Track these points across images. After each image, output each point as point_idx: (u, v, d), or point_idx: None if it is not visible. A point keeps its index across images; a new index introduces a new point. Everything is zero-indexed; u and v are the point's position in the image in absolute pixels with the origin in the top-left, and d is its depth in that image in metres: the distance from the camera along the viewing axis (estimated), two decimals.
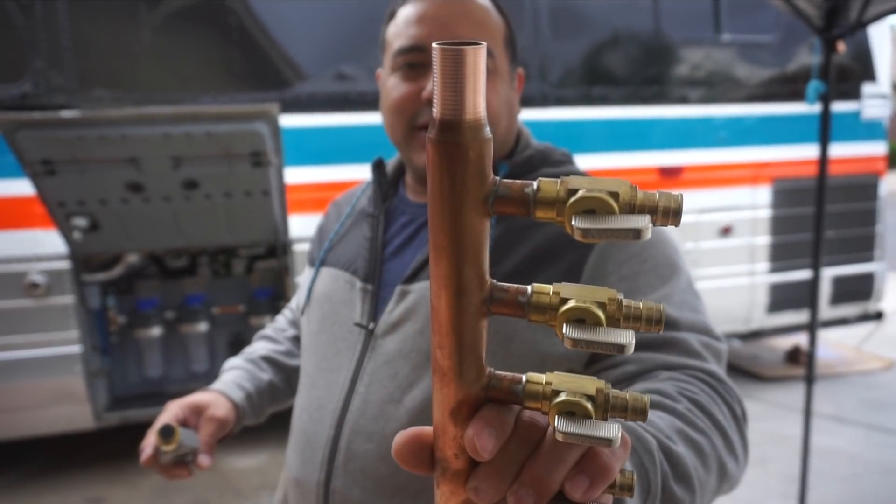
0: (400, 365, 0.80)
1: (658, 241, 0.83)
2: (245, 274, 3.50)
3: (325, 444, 0.82)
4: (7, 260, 2.88)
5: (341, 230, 0.97)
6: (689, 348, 0.75)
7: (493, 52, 0.83)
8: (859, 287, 4.19)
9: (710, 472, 0.66)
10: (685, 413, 0.66)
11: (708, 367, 0.75)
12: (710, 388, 0.73)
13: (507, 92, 0.87)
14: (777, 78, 3.90)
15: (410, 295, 0.82)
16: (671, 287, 0.80)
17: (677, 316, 0.77)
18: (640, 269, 0.79)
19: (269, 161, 2.68)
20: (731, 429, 0.71)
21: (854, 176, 4.03)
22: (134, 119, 2.44)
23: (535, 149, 0.91)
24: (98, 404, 3.11)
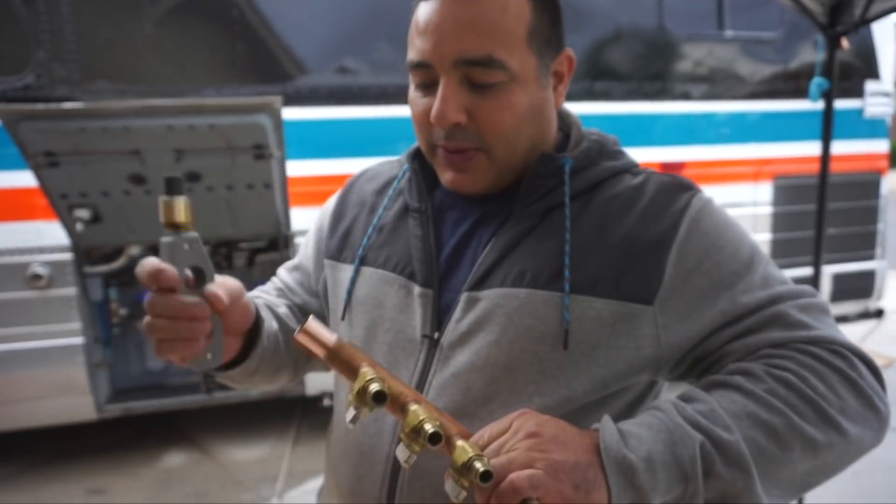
0: (473, 378, 0.75)
1: (727, 226, 0.78)
2: (247, 267, 3.51)
3: (385, 460, 0.78)
4: (10, 252, 2.89)
5: (379, 225, 0.88)
6: (789, 321, 0.73)
7: (506, 58, 0.73)
8: (860, 285, 4.19)
9: (790, 449, 0.67)
10: (762, 395, 0.68)
11: (813, 335, 0.73)
12: (812, 358, 0.71)
13: (531, 95, 0.76)
14: (780, 75, 3.89)
15: (481, 302, 0.76)
16: (754, 268, 0.77)
17: (767, 294, 0.75)
18: (720, 258, 0.75)
19: (271, 154, 2.68)
20: (834, 396, 0.69)
21: (856, 174, 4.03)
22: (136, 111, 2.44)
23: (590, 139, 0.84)
24: (100, 396, 3.13)
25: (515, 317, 0.74)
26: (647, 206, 0.77)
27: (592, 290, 0.73)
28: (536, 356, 0.73)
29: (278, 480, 3.10)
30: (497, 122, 0.74)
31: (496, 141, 0.75)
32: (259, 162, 2.72)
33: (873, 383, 0.72)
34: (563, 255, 0.74)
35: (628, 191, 0.79)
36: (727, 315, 0.74)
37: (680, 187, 0.80)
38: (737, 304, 0.74)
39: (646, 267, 0.74)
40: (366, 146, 3.10)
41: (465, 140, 0.75)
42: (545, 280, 0.74)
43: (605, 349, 0.73)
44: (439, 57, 0.72)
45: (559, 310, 0.72)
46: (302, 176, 3.11)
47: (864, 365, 0.73)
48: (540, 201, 0.78)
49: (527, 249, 0.76)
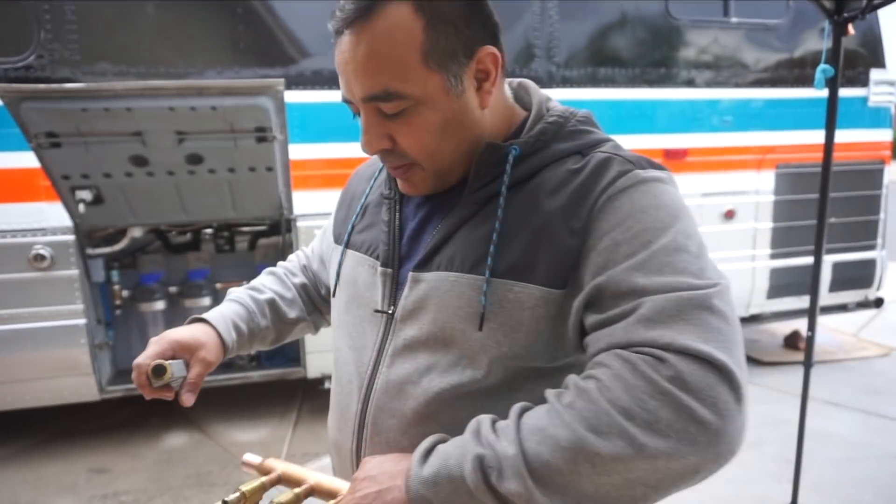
0: (418, 350, 0.83)
1: (650, 206, 0.76)
2: (249, 250, 3.52)
3: (355, 416, 0.89)
4: (13, 232, 2.89)
5: (362, 211, 0.99)
6: (642, 318, 0.69)
7: (402, 87, 0.76)
8: (860, 274, 4.19)
9: (575, 462, 0.66)
10: (558, 410, 0.69)
11: (640, 337, 0.69)
12: (629, 370, 0.67)
13: (443, 110, 0.78)
14: (784, 62, 3.87)
15: (422, 283, 0.83)
16: (651, 251, 0.72)
17: (646, 283, 0.71)
18: (623, 238, 0.74)
19: (273, 136, 2.68)
20: (640, 410, 0.65)
21: (859, 163, 4.02)
22: (139, 92, 2.43)
23: (547, 121, 0.84)
24: (102, 377, 3.15)
25: (447, 298, 0.81)
26: (576, 188, 0.78)
27: (512, 274, 0.77)
28: (464, 334, 0.80)
29: None
30: (415, 143, 0.80)
31: (420, 157, 0.82)
32: (261, 144, 2.71)
33: (705, 392, 0.65)
34: (490, 241, 0.78)
35: (564, 174, 0.80)
36: (598, 290, 0.73)
37: (615, 165, 0.79)
38: (611, 279, 0.72)
39: (562, 251, 0.76)
40: None
41: (397, 160, 0.83)
42: (471, 264, 0.80)
43: (525, 332, 0.78)
44: (351, 95, 0.80)
45: (480, 293, 0.78)
46: (305, 159, 3.10)
47: (707, 373, 0.66)
48: (483, 189, 0.82)
49: (464, 235, 0.82)
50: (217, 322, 1.01)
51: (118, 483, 2.98)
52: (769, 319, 4.21)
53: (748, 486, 2.81)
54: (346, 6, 0.76)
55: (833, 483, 2.84)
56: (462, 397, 0.81)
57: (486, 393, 0.80)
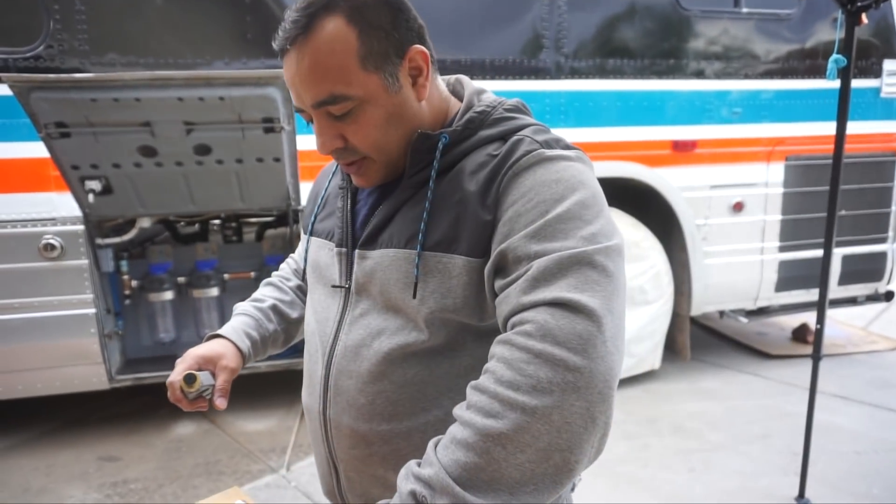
0: (370, 317, 0.94)
1: (550, 181, 0.81)
2: (256, 241, 3.53)
3: (321, 381, 0.99)
4: (23, 222, 2.91)
5: (322, 203, 1.11)
6: (522, 283, 0.75)
7: (345, 90, 0.84)
8: (870, 267, 4.16)
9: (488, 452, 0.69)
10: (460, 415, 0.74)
11: (522, 302, 0.74)
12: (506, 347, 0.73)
13: (384, 106, 0.87)
14: (795, 53, 3.83)
15: (368, 260, 0.94)
16: (546, 219, 0.78)
17: (536, 249, 0.77)
18: (523, 209, 0.81)
19: (281, 127, 2.68)
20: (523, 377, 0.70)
21: (870, 154, 3.98)
22: (147, 82, 2.43)
23: (476, 110, 0.92)
24: (112, 366, 3.17)
25: (388, 271, 0.90)
26: (491, 169, 0.86)
27: (440, 247, 0.86)
28: (403, 302, 0.89)
29: (287, 452, 3.15)
30: (363, 139, 0.89)
31: (370, 151, 0.90)
32: (269, 135, 2.71)
33: (576, 342, 0.70)
34: (421, 220, 0.88)
35: (483, 157, 0.88)
36: (501, 257, 0.80)
37: (524, 146, 0.86)
38: (509, 247, 0.79)
39: (480, 225, 0.84)
40: None
41: (350, 156, 0.92)
42: (406, 240, 0.89)
43: (453, 298, 0.86)
44: (303, 104, 0.88)
45: (413, 265, 0.87)
46: (313, 150, 3.10)
47: (573, 320, 0.71)
48: (417, 175, 0.91)
49: (401, 216, 0.92)
50: (230, 334, 1.12)
51: (128, 471, 3.02)
52: (777, 312, 4.18)
53: (755, 479, 2.81)
54: (286, 27, 0.85)
55: (841, 476, 2.83)
56: (409, 357, 0.90)
57: (430, 353, 0.89)
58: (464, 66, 3.20)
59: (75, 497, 2.82)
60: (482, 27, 3.30)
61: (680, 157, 3.70)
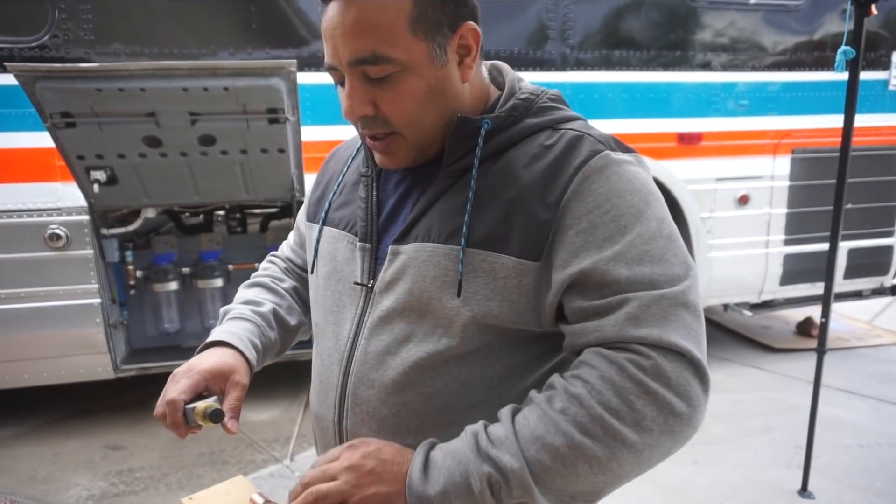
0: (395, 321, 0.86)
1: (625, 191, 0.79)
2: (260, 232, 3.54)
3: (336, 388, 0.92)
4: (29, 212, 2.92)
5: (339, 189, 1.01)
6: (628, 314, 0.75)
7: (390, 52, 0.77)
8: (876, 261, 4.14)
9: (574, 466, 0.73)
10: (553, 417, 0.74)
11: (631, 334, 0.74)
12: (615, 370, 0.73)
13: (427, 78, 0.80)
14: (803, 45, 3.80)
15: (401, 255, 0.86)
16: (629, 238, 0.77)
17: (629, 275, 0.76)
18: (601, 220, 0.77)
19: (286, 118, 2.68)
20: (628, 410, 0.72)
21: (877, 147, 3.96)
22: (152, 72, 2.43)
23: (519, 97, 0.87)
24: (117, 355, 3.19)
25: (424, 268, 0.83)
26: (550, 163, 0.81)
27: (486, 244, 0.80)
28: (440, 303, 0.82)
29: (290, 442, 3.16)
30: (398, 110, 0.81)
31: (403, 125, 0.82)
32: (273, 126, 2.71)
33: (681, 385, 0.73)
34: (465, 212, 0.81)
35: (536, 149, 0.83)
36: (585, 276, 0.76)
37: (587, 144, 0.81)
38: (597, 268, 0.76)
39: (535, 224, 0.78)
40: None
41: (378, 127, 0.83)
42: (447, 235, 0.82)
43: (499, 301, 0.80)
44: (338, 60, 0.80)
45: (457, 262, 0.81)
46: (317, 141, 3.10)
47: (680, 364, 0.74)
48: (458, 162, 0.85)
49: (441, 207, 0.84)
50: (237, 343, 0.99)
51: (133, 460, 3.04)
52: (782, 306, 4.17)
53: (758, 472, 2.82)
54: None
55: (844, 470, 2.83)
56: (439, 365, 0.84)
57: (462, 361, 0.84)
58: None
59: (81, 485, 2.84)
60: (487, 17, 3.28)
61: (685, 150, 3.69)
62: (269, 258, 1.24)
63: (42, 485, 2.85)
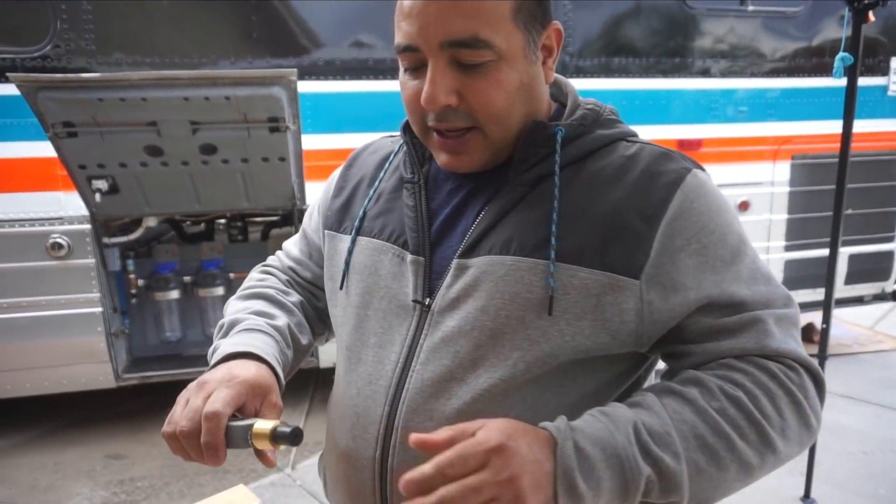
0: (461, 343, 0.77)
1: (721, 209, 0.79)
2: (262, 240, 3.54)
3: (379, 421, 0.81)
4: (31, 221, 2.93)
5: (375, 196, 0.91)
6: (763, 330, 0.75)
7: (492, 37, 0.72)
8: (877, 266, 4.14)
9: (727, 470, 0.72)
10: (712, 416, 0.71)
11: (779, 348, 0.75)
12: (768, 377, 0.74)
13: (520, 72, 0.76)
14: (802, 51, 3.82)
15: (470, 270, 0.78)
16: (742, 259, 0.78)
17: (751, 294, 0.77)
18: (709, 240, 0.76)
19: (286, 126, 2.69)
20: (779, 418, 0.73)
21: (877, 153, 3.96)
22: (153, 82, 2.44)
23: (586, 107, 0.84)
24: (118, 364, 3.19)
25: (502, 284, 0.76)
26: (638, 176, 0.77)
27: (578, 259, 0.74)
28: (522, 323, 0.75)
29: (292, 451, 3.16)
30: (488, 102, 0.75)
31: (488, 120, 0.76)
32: (274, 135, 2.72)
33: (816, 403, 0.77)
34: (551, 223, 0.75)
35: (620, 160, 0.79)
36: (712, 300, 0.75)
37: (674, 160, 0.80)
38: (724, 291, 0.75)
39: (633, 239, 0.74)
40: (381, 120, 3.09)
41: (458, 120, 0.76)
42: (531, 248, 0.75)
43: (591, 320, 0.75)
44: (425, 40, 0.73)
45: (544, 277, 0.74)
46: (318, 149, 3.11)
47: (813, 383, 0.77)
48: (531, 170, 0.79)
49: (516, 218, 0.78)
50: (269, 358, 0.86)
51: (134, 469, 3.03)
52: None
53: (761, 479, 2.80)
54: None
55: (847, 476, 2.82)
56: (511, 392, 0.76)
57: (537, 386, 0.76)
58: None
59: (82, 494, 2.84)
60: None
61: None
62: (263, 269, 1.10)
63: (43, 494, 2.84)
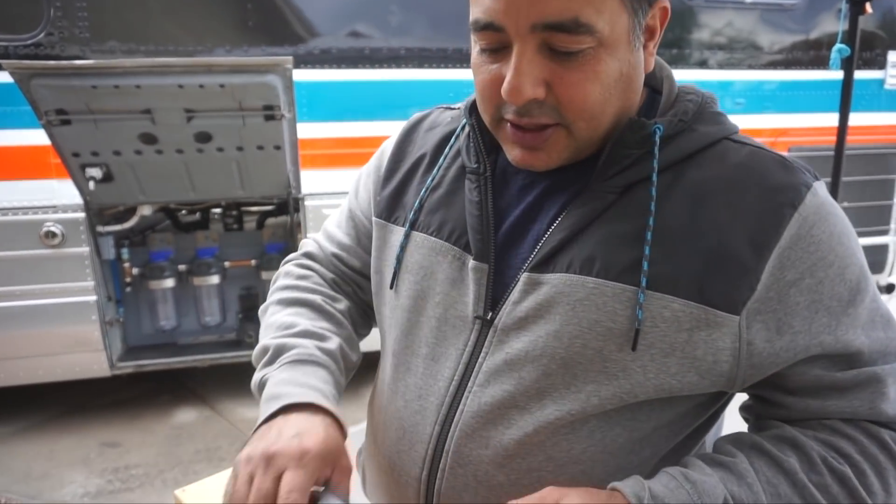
0: (527, 369, 0.68)
1: (843, 236, 0.66)
2: (257, 229, 3.53)
3: (428, 440, 0.74)
4: (24, 209, 2.92)
5: (433, 185, 0.79)
6: (880, 392, 0.67)
7: (595, 20, 0.60)
8: (871, 259, 4.13)
9: None
10: (812, 492, 0.64)
11: (891, 414, 0.67)
12: (879, 448, 0.67)
13: (621, 60, 0.64)
14: (799, 44, 3.81)
15: (543, 287, 0.68)
16: (862, 298, 0.67)
17: (869, 343, 0.67)
18: (826, 275, 0.64)
19: (282, 115, 2.68)
20: (884, 494, 0.66)
21: (873, 146, 3.97)
22: (148, 69, 2.43)
23: (686, 98, 0.72)
24: (112, 353, 3.19)
25: (580, 308, 0.66)
26: (749, 192, 0.65)
27: (672, 288, 0.63)
28: (600, 354, 0.66)
29: None
30: (582, 96, 0.63)
31: (579, 116, 0.64)
32: (269, 123, 2.71)
33: None
34: (644, 242, 0.64)
35: (728, 170, 0.66)
36: (824, 349, 0.65)
37: (793, 172, 0.67)
38: (838, 339, 0.65)
39: (738, 269, 0.63)
40: (378, 109, 3.08)
41: (542, 116, 0.65)
42: (619, 270, 0.65)
43: (679, 357, 0.65)
44: (514, 20, 0.61)
45: (631, 306, 0.64)
46: (313, 138, 3.10)
47: None
48: (622, 174, 0.67)
49: (601, 231, 0.67)
50: (332, 408, 0.74)
51: (129, 457, 3.04)
52: None
53: None
54: None
55: None
56: (578, 427, 0.67)
57: (608, 422, 0.68)
58: (465, 54, 3.19)
59: (77, 482, 2.84)
60: None
61: None
62: (303, 261, 0.95)
63: (38, 482, 2.85)
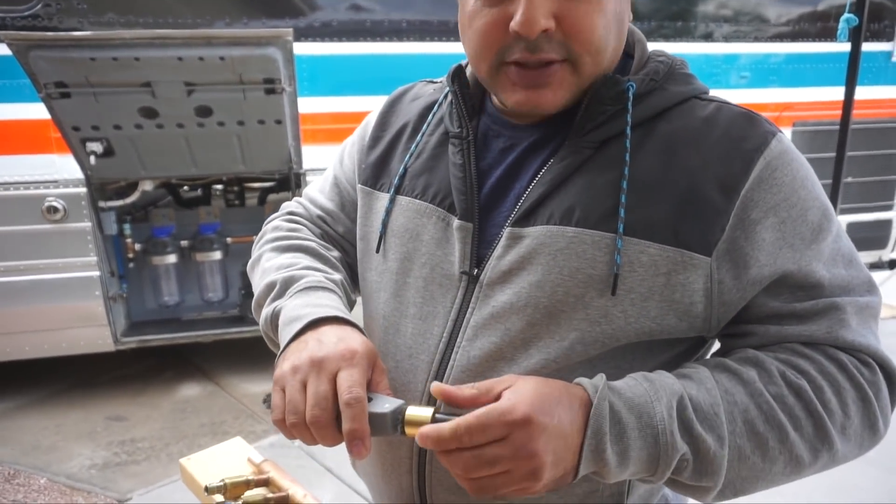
0: (512, 320, 0.71)
1: (806, 180, 0.70)
2: (259, 205, 3.53)
3: (420, 398, 0.76)
4: (26, 184, 2.91)
5: (417, 151, 0.82)
6: (839, 320, 0.69)
7: None
8: (874, 235, 4.14)
9: (773, 463, 0.65)
10: (767, 401, 0.65)
11: (853, 342, 0.68)
12: (838, 368, 0.68)
13: (615, 3, 0.68)
14: (805, 16, 3.75)
15: (525, 240, 0.71)
16: (821, 235, 0.69)
17: (829, 277, 0.69)
18: (789, 215, 0.68)
19: (282, 88, 2.65)
20: (842, 414, 0.67)
21: (879, 120, 3.93)
22: (147, 41, 2.41)
23: (657, 59, 0.75)
24: (117, 328, 3.21)
25: (561, 257, 0.68)
26: (717, 141, 0.69)
27: (648, 233, 0.67)
28: (581, 301, 0.68)
29: None
30: (589, 27, 0.66)
31: (585, 50, 0.67)
32: (270, 97, 2.69)
33: (887, 405, 0.70)
34: (620, 191, 0.67)
35: (696, 122, 0.71)
36: (785, 277, 0.68)
37: (757, 123, 0.71)
38: (801, 270, 0.68)
39: (710, 212, 0.66)
40: (379, 83, 3.05)
41: (552, 51, 0.66)
42: (596, 218, 0.68)
43: (658, 301, 0.68)
44: None
45: (610, 252, 0.67)
46: (314, 113, 3.08)
47: (887, 383, 0.71)
48: (597, 129, 0.71)
49: (578, 183, 0.70)
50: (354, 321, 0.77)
51: (135, 430, 3.07)
52: None
53: None
54: None
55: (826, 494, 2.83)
56: (563, 373, 0.69)
57: (590, 368, 0.70)
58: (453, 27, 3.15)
59: (84, 454, 2.88)
60: None
61: None
62: (289, 217, 0.97)
63: (45, 454, 2.88)
